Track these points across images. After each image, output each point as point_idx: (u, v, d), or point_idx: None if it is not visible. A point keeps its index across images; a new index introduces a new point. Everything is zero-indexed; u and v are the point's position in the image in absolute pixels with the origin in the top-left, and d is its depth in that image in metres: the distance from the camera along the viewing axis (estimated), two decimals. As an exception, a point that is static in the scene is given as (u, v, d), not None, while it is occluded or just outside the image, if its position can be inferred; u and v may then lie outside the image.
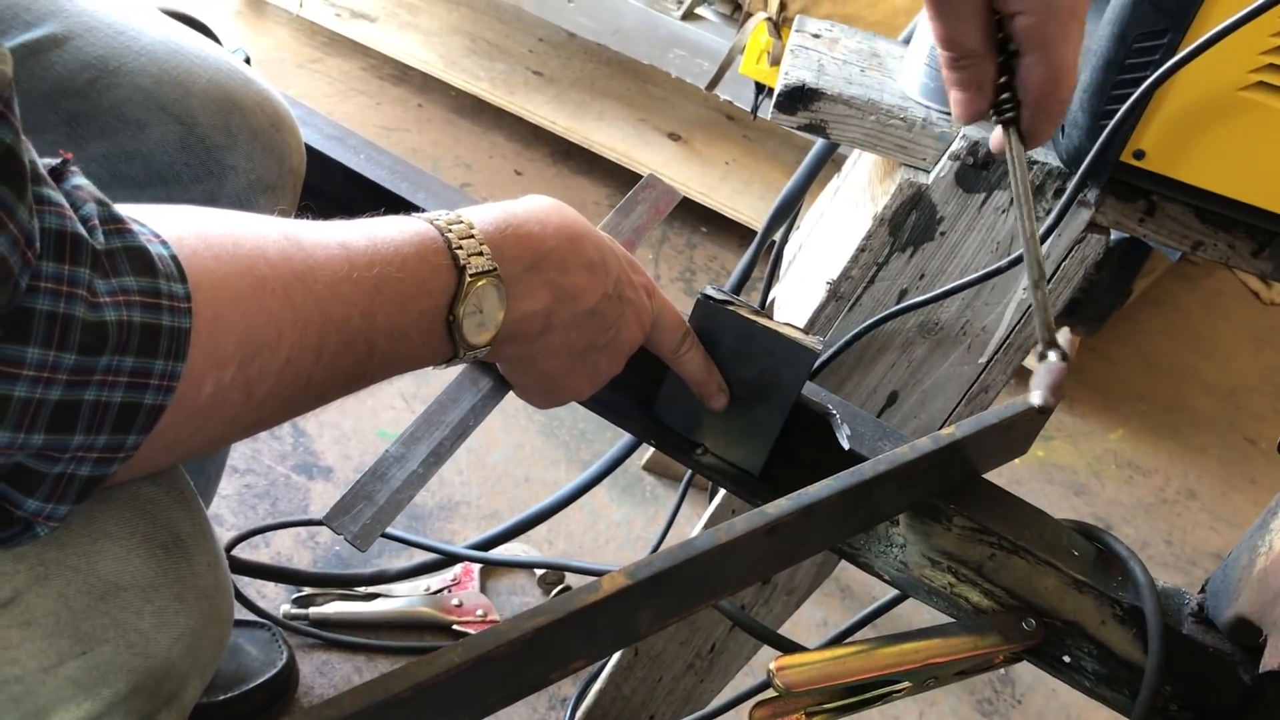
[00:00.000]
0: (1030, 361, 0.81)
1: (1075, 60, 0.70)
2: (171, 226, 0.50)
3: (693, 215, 2.40)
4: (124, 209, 0.49)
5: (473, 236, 0.64)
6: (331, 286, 0.56)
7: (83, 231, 0.45)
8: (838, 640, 1.09)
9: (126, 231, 0.47)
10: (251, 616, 1.42)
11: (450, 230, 0.64)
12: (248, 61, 1.04)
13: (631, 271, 0.75)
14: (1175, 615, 0.75)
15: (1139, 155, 0.92)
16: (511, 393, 0.78)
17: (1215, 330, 2.65)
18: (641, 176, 0.80)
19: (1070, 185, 0.93)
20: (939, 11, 0.69)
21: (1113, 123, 0.89)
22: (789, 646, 0.86)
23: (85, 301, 0.44)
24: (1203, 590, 0.76)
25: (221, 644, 0.59)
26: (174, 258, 0.48)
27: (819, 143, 1.16)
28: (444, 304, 0.63)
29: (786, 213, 1.25)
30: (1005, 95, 0.71)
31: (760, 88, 1.44)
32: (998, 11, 0.69)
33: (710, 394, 0.82)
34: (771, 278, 1.32)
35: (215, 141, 0.87)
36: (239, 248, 0.53)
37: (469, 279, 0.63)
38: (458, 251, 0.63)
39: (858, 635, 1.06)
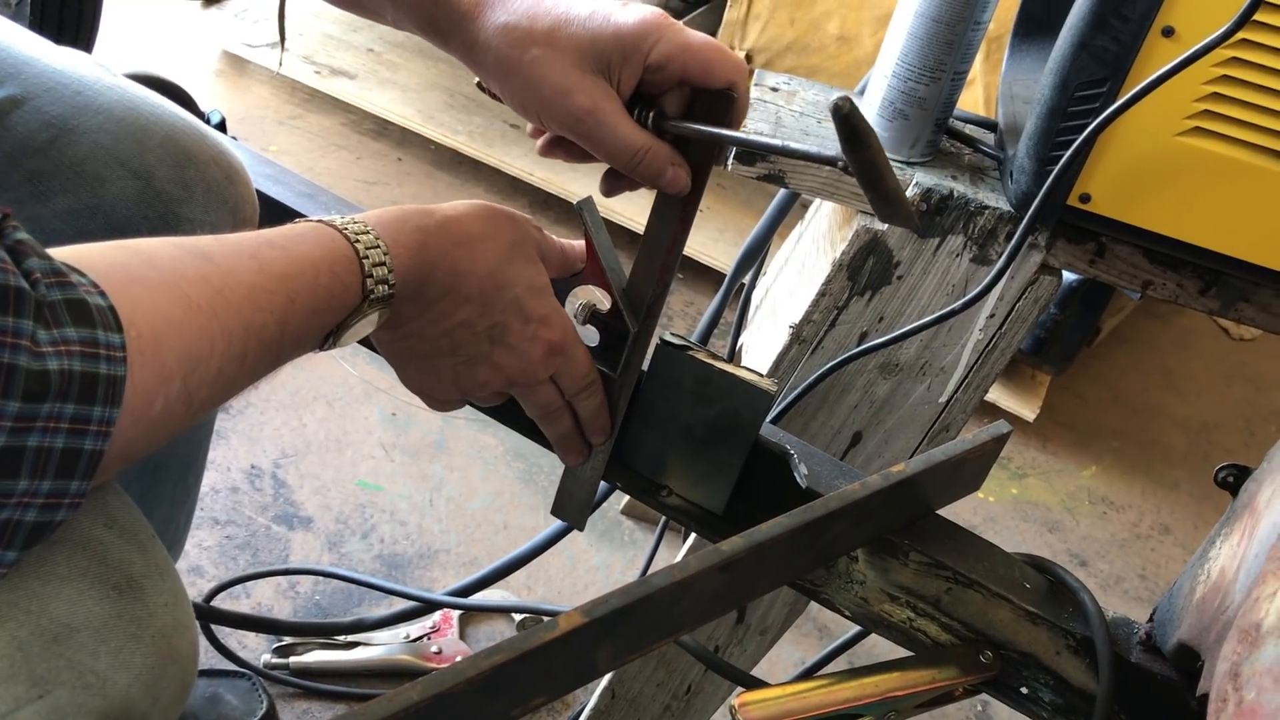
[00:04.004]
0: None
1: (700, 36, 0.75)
2: (97, 266, 0.53)
3: (669, 262, 2.43)
4: (55, 252, 0.51)
5: (384, 264, 0.67)
6: (248, 297, 0.59)
7: (25, 285, 0.47)
8: (805, 676, 1.10)
9: (67, 284, 0.50)
10: (232, 666, 1.43)
11: (358, 242, 0.66)
12: (223, 124, 1.07)
13: (530, 323, 0.76)
14: (1124, 644, 0.77)
15: (1085, 199, 0.95)
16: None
17: (1186, 366, 2.69)
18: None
19: (1020, 229, 0.97)
20: (593, 142, 0.75)
21: (1057, 168, 0.92)
22: (761, 687, 0.87)
23: (29, 351, 0.47)
24: (1151, 619, 0.78)
25: (184, 683, 0.60)
26: (111, 309, 0.51)
27: (781, 191, 1.19)
28: (342, 318, 0.67)
29: (752, 259, 1.28)
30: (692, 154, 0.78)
31: (728, 138, 1.47)
32: (638, 94, 0.75)
33: (592, 433, 0.85)
34: (740, 323, 1.35)
35: (172, 195, 0.89)
36: (160, 273, 0.55)
37: (367, 304, 0.67)
38: (368, 279, 0.66)
39: (827, 670, 1.08)
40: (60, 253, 0.52)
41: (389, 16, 0.78)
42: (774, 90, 1.11)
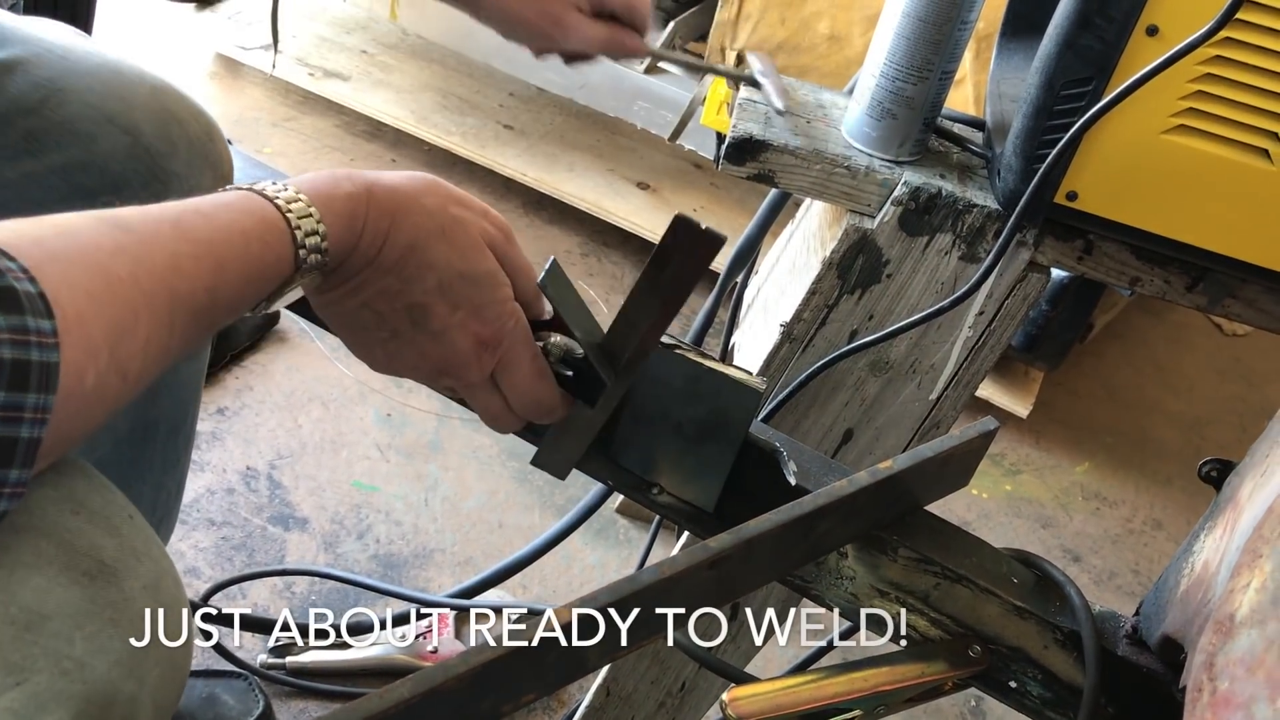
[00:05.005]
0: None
1: None
2: (17, 246, 0.52)
3: (663, 262, 2.44)
4: None
5: (317, 232, 0.66)
6: (171, 264, 0.58)
7: None
8: (796, 671, 1.11)
9: None
10: (228, 666, 1.44)
11: (290, 211, 0.65)
12: (214, 126, 1.09)
13: (458, 311, 0.73)
14: (1111, 638, 0.78)
15: (1072, 196, 0.96)
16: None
17: (1179, 363, 2.70)
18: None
19: (1007, 226, 0.97)
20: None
21: (1044, 166, 0.93)
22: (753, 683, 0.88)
23: None
24: (1137, 613, 0.79)
25: (173, 663, 0.59)
26: (40, 294, 0.50)
27: (773, 191, 1.20)
28: (276, 285, 0.66)
29: (744, 259, 1.29)
30: None
31: (721, 138, 1.48)
32: None
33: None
34: (733, 323, 1.35)
35: (159, 150, 0.93)
36: (79, 246, 0.55)
37: (300, 273, 0.66)
38: (300, 250, 0.65)
39: (818, 665, 1.08)
40: None
41: None
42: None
